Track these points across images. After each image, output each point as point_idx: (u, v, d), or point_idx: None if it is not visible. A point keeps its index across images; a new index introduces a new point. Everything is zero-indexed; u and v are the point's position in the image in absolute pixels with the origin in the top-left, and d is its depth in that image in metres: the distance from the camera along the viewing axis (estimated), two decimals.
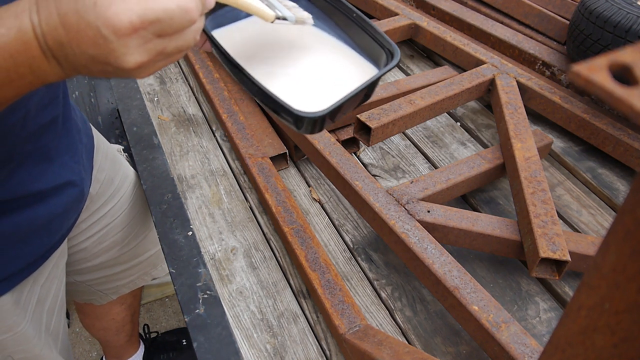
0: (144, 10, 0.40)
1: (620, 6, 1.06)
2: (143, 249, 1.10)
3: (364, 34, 0.56)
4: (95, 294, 1.11)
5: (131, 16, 0.39)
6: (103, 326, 1.28)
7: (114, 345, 1.37)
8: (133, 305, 1.28)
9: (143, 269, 1.14)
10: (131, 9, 0.40)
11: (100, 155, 0.92)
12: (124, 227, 1.03)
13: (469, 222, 0.85)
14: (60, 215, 0.75)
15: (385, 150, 1.14)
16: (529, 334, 0.69)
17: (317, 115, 0.48)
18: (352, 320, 0.77)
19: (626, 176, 1.08)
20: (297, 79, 0.54)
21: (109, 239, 1.00)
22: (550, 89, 1.14)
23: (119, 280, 1.11)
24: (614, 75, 0.20)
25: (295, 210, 0.93)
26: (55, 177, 0.71)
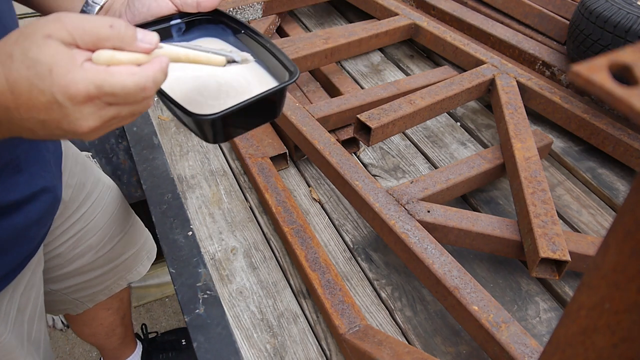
0: (102, 82, 0.41)
1: (620, 6, 1.06)
2: (118, 253, 1.10)
3: (270, 56, 0.60)
4: (71, 302, 1.10)
5: (88, 85, 0.41)
6: (92, 332, 1.28)
7: (108, 348, 1.37)
8: (121, 309, 1.28)
9: (118, 273, 1.13)
10: (89, 78, 0.41)
11: (69, 161, 0.93)
12: (98, 230, 1.03)
13: (469, 222, 0.85)
14: (37, 222, 0.76)
15: (385, 150, 1.14)
16: (529, 334, 0.69)
17: (211, 118, 0.51)
18: (352, 320, 0.77)
19: (626, 176, 1.08)
20: (200, 91, 0.57)
21: (83, 244, 1.01)
22: (550, 89, 1.14)
23: (95, 287, 1.11)
24: (614, 75, 0.20)
25: (295, 210, 0.93)
26: (28, 186, 0.72)
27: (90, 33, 0.41)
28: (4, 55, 0.41)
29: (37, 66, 0.40)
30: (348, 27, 1.41)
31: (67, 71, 0.40)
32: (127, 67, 0.43)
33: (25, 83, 0.40)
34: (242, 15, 1.36)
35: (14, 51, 0.41)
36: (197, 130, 0.56)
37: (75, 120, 0.42)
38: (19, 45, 0.41)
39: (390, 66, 1.38)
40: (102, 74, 0.41)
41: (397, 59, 1.41)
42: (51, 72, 0.40)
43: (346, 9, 1.61)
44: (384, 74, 1.35)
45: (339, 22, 1.57)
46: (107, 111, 0.43)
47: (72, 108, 0.41)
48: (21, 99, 0.41)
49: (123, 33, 0.43)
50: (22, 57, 0.40)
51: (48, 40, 0.40)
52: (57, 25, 0.41)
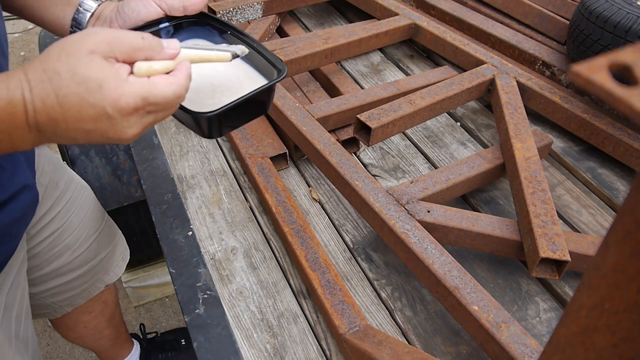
0: (147, 94, 0.46)
1: (620, 6, 1.06)
2: (93, 253, 1.10)
3: (258, 55, 0.64)
4: (50, 306, 1.11)
5: (135, 98, 0.45)
6: (77, 335, 1.28)
7: (100, 350, 1.38)
8: (106, 311, 1.27)
9: (95, 274, 1.14)
10: (136, 92, 0.45)
11: (42, 159, 0.94)
12: (74, 230, 1.04)
13: (469, 222, 0.85)
14: (19, 220, 0.77)
15: (385, 150, 1.14)
16: (529, 334, 0.69)
17: (208, 115, 0.55)
18: (352, 320, 0.77)
19: (626, 176, 1.08)
20: (197, 91, 0.61)
21: (60, 243, 1.01)
22: (550, 89, 1.14)
23: (73, 290, 1.11)
24: (614, 75, 0.20)
25: (295, 210, 0.93)
26: (11, 185, 0.73)
27: (127, 45, 0.46)
28: (51, 72, 0.44)
29: (87, 82, 0.44)
30: (348, 27, 1.41)
31: (117, 86, 0.44)
32: (164, 77, 0.48)
33: (76, 98, 0.44)
34: (242, 15, 1.35)
35: (60, 68, 0.44)
36: (194, 126, 0.59)
37: (122, 129, 0.47)
38: (64, 63, 0.44)
39: (390, 66, 1.38)
40: (146, 86, 0.46)
41: (397, 59, 1.41)
42: (101, 87, 0.44)
43: (346, 9, 1.61)
44: (384, 74, 1.35)
45: (339, 22, 1.57)
46: (147, 118, 0.48)
47: (120, 119, 0.46)
48: (70, 112, 0.44)
49: (153, 43, 0.48)
50: (71, 74, 0.44)
51: (93, 57, 0.44)
52: (98, 39, 0.45)
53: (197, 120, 0.57)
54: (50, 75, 0.44)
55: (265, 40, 1.36)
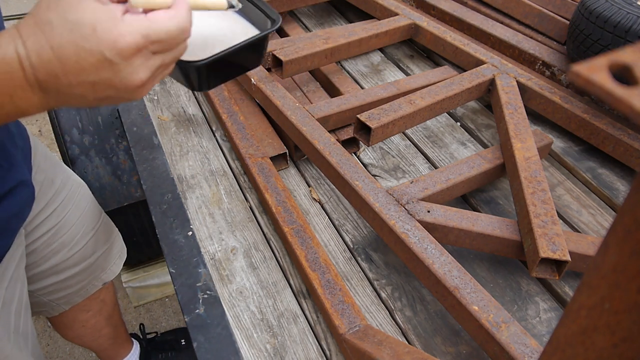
0: (147, 30, 0.41)
1: (620, 6, 1.06)
2: (91, 250, 1.10)
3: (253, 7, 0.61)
4: (47, 304, 1.11)
5: (135, 36, 0.41)
6: (75, 334, 1.28)
7: (100, 350, 1.38)
8: (104, 310, 1.27)
9: (92, 272, 1.14)
10: (134, 29, 0.41)
11: (38, 156, 0.93)
12: (71, 227, 1.04)
13: (469, 222, 0.85)
14: (16, 215, 0.77)
15: (385, 150, 1.14)
16: (529, 334, 0.69)
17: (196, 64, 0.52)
18: (352, 320, 0.77)
19: (626, 176, 1.08)
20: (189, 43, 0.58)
21: (57, 240, 1.01)
22: (550, 89, 1.14)
23: (70, 288, 1.11)
24: (614, 75, 0.20)
25: (295, 210, 0.93)
26: (9, 180, 0.73)
27: None
28: (42, 23, 0.40)
29: (80, 28, 0.40)
30: (348, 27, 1.41)
31: (112, 27, 0.40)
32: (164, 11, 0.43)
33: (71, 47, 0.40)
34: None
35: (51, 17, 0.40)
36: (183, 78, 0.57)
37: (127, 75, 0.42)
38: (54, 11, 0.40)
39: (390, 66, 1.38)
40: (145, 22, 0.41)
41: (397, 59, 1.41)
42: (95, 30, 0.40)
43: (346, 9, 1.61)
44: (384, 74, 1.35)
45: (339, 22, 1.57)
46: (154, 60, 0.43)
47: (122, 63, 0.41)
48: (69, 63, 0.40)
49: None
50: (62, 22, 0.40)
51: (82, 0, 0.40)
52: None
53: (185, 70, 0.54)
54: (42, 26, 0.40)
55: None
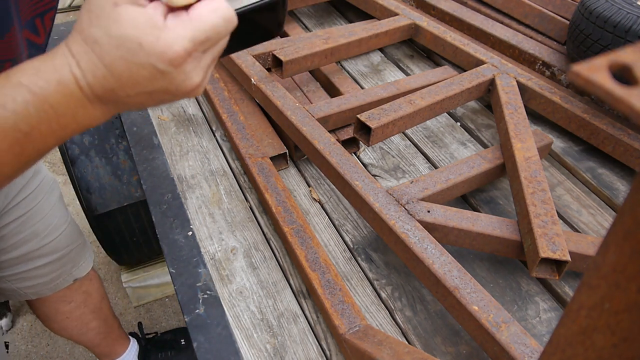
0: (194, 32, 0.40)
1: (620, 6, 1.06)
2: (63, 243, 1.11)
3: None
4: (14, 292, 1.11)
5: (183, 43, 0.40)
6: (61, 327, 1.28)
7: (92, 345, 1.37)
8: (89, 302, 1.27)
9: (64, 265, 1.14)
10: (180, 36, 0.39)
11: None
12: (43, 216, 1.04)
13: (469, 222, 0.85)
14: None
15: (385, 150, 1.14)
16: (529, 334, 0.69)
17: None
18: (352, 320, 0.77)
19: (626, 176, 1.08)
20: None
21: (28, 229, 1.01)
22: (550, 89, 1.14)
23: (39, 278, 1.11)
24: (614, 75, 0.20)
25: (295, 210, 0.93)
26: None
27: None
28: (90, 41, 0.40)
29: (125, 43, 0.39)
30: (348, 27, 1.41)
31: (157, 38, 0.39)
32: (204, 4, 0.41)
33: (122, 62, 0.40)
34: None
35: (96, 35, 0.40)
36: None
37: (181, 82, 0.42)
38: (97, 27, 0.40)
39: (390, 66, 1.38)
40: (189, 25, 0.40)
41: (397, 59, 1.41)
42: (141, 45, 0.39)
43: (346, 9, 1.61)
44: (384, 74, 1.35)
45: (339, 22, 1.57)
46: (205, 59, 0.42)
47: (175, 71, 0.40)
48: (123, 78, 0.40)
49: None
50: (107, 39, 0.39)
51: (119, 9, 0.39)
52: None
53: None
54: (91, 44, 0.40)
55: None
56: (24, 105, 0.40)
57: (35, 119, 0.41)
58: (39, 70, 0.40)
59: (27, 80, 0.40)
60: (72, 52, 0.41)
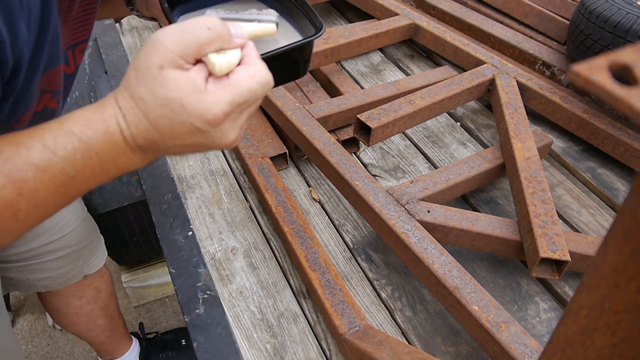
0: (233, 97, 0.43)
1: (620, 6, 1.06)
2: (75, 239, 1.12)
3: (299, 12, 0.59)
4: (24, 282, 1.12)
5: (222, 107, 0.43)
6: (70, 322, 1.29)
7: (96, 342, 1.38)
8: (99, 299, 1.28)
9: (74, 261, 1.15)
10: (220, 100, 0.43)
11: None
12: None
13: (469, 222, 0.85)
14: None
15: (385, 150, 1.14)
16: (529, 334, 0.69)
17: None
18: (352, 320, 0.77)
19: (626, 176, 1.08)
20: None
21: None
22: (550, 89, 1.14)
23: (49, 272, 1.12)
24: (614, 75, 0.20)
25: (295, 210, 0.93)
26: None
27: (193, 45, 0.43)
28: (136, 98, 0.44)
29: (169, 104, 0.43)
30: (348, 27, 1.41)
31: (198, 101, 0.42)
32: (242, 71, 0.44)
33: (165, 120, 0.43)
34: None
35: (142, 93, 0.43)
36: None
37: (218, 139, 0.45)
38: (143, 86, 0.43)
39: (390, 66, 1.38)
40: (228, 89, 0.43)
41: (397, 59, 1.41)
42: (184, 106, 0.43)
43: (346, 9, 1.61)
44: (384, 74, 1.35)
45: (339, 22, 1.57)
46: (241, 118, 0.46)
47: (213, 131, 0.44)
48: (164, 132, 0.44)
49: (221, 33, 0.44)
50: (152, 98, 0.43)
51: (164, 72, 0.43)
52: (162, 50, 0.43)
53: None
54: (137, 101, 0.44)
55: None
56: (73, 152, 0.44)
57: (81, 165, 0.44)
58: (89, 120, 0.44)
59: (77, 129, 0.44)
60: (119, 105, 0.44)
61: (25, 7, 0.43)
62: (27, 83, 0.48)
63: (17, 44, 0.43)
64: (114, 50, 1.36)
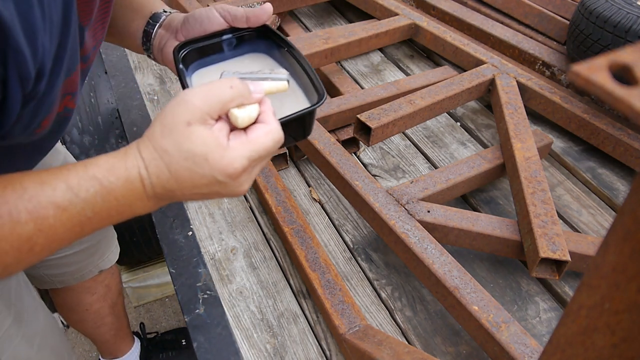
0: (251, 153, 0.48)
1: (620, 6, 1.06)
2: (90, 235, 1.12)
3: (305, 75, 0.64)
4: (42, 277, 1.13)
5: (242, 162, 0.48)
6: (79, 318, 1.30)
7: (100, 341, 1.39)
8: (108, 296, 1.29)
9: (91, 255, 1.16)
10: (240, 155, 0.48)
11: None
12: None
13: (469, 222, 0.85)
14: None
15: (385, 150, 1.14)
16: (529, 334, 0.69)
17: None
18: (352, 320, 0.77)
19: (626, 176, 1.08)
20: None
21: None
22: (550, 89, 1.14)
23: (67, 267, 1.13)
24: (614, 75, 0.20)
25: (295, 210, 0.93)
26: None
27: (217, 104, 0.48)
28: (160, 150, 0.48)
29: (193, 157, 0.47)
30: (348, 27, 1.41)
31: (221, 156, 0.47)
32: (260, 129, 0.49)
33: (186, 172, 0.48)
34: None
35: (167, 146, 0.47)
36: None
37: (233, 188, 0.50)
38: (169, 139, 0.47)
39: (390, 66, 1.38)
40: (247, 146, 0.48)
41: (397, 59, 1.41)
42: (207, 160, 0.47)
43: (346, 9, 1.61)
44: (384, 74, 1.35)
45: (339, 22, 1.57)
46: (255, 170, 0.52)
47: (231, 182, 0.49)
48: (184, 183, 0.48)
49: (242, 91, 0.49)
50: (177, 151, 0.47)
51: (191, 128, 0.47)
52: (190, 108, 0.47)
53: None
54: (160, 153, 0.48)
55: None
56: (94, 195, 0.47)
57: (99, 207, 0.48)
58: (112, 167, 0.48)
59: (101, 174, 0.47)
60: (142, 156, 0.48)
61: (47, 20, 0.44)
62: (49, 89, 0.49)
63: (37, 57, 0.44)
64: (114, 50, 1.37)
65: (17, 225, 0.45)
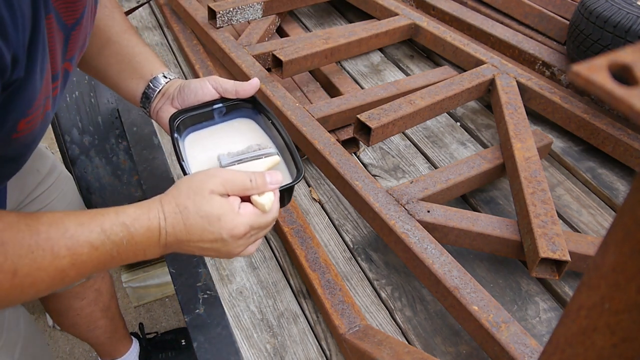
0: (254, 222, 0.60)
1: (620, 6, 1.06)
2: None
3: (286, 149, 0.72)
4: None
5: (246, 226, 0.59)
6: (71, 323, 1.30)
7: (97, 343, 1.39)
8: (100, 301, 1.29)
9: None
10: (247, 222, 0.59)
11: None
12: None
13: (469, 222, 0.85)
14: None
15: (385, 150, 1.14)
16: (529, 334, 0.69)
17: None
18: (352, 320, 0.77)
19: (626, 176, 1.08)
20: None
21: None
22: (550, 89, 1.14)
23: None
24: (614, 75, 0.20)
25: (295, 210, 0.93)
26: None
27: (239, 187, 0.60)
28: (181, 207, 0.58)
29: (209, 216, 0.58)
30: (348, 27, 1.41)
31: (232, 219, 0.58)
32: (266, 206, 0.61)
33: (199, 227, 0.58)
34: (242, 15, 1.35)
35: (188, 204, 0.58)
36: None
37: (233, 248, 0.61)
38: (191, 200, 0.58)
39: (390, 66, 1.38)
40: (253, 217, 0.60)
41: (397, 59, 1.41)
42: (220, 220, 0.58)
43: (346, 9, 1.61)
44: (384, 74, 1.35)
45: (339, 22, 1.57)
46: (252, 238, 0.62)
47: (232, 242, 0.60)
48: (194, 236, 0.58)
49: (260, 184, 0.60)
50: (196, 210, 0.58)
51: (213, 195, 0.58)
52: (217, 182, 0.58)
53: None
54: (181, 209, 0.58)
55: (265, 40, 1.36)
56: (121, 239, 0.55)
57: (123, 249, 0.56)
58: (138, 216, 0.57)
59: (129, 222, 0.56)
60: (164, 210, 0.58)
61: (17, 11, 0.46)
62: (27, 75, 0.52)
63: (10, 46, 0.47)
64: None
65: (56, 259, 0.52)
